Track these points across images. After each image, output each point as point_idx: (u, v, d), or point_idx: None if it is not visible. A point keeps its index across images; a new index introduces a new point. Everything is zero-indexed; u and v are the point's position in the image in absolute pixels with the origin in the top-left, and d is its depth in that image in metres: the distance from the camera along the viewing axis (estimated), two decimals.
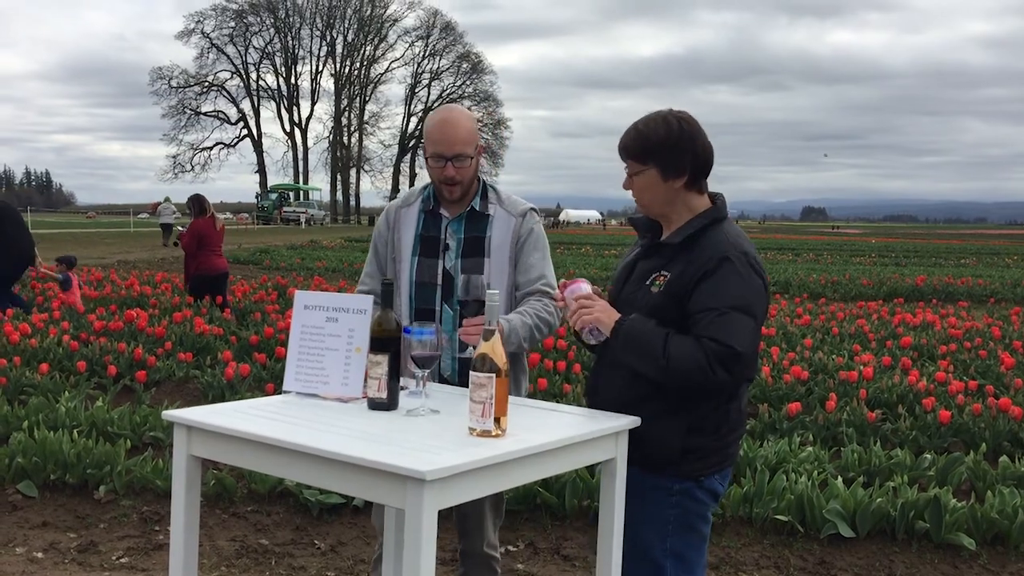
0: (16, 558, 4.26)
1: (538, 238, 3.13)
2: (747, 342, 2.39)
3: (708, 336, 2.36)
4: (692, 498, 2.52)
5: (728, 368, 2.36)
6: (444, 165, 2.98)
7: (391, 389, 2.44)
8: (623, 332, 2.45)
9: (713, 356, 2.34)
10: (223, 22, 79.18)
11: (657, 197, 2.55)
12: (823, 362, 8.07)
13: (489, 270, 3.04)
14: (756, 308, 2.45)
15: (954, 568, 4.33)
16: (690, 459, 2.48)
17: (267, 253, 25.96)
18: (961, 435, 6.27)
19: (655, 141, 2.50)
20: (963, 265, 29.30)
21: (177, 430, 2.36)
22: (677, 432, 2.47)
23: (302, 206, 70.20)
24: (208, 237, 10.53)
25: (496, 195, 3.14)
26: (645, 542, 2.54)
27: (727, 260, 2.43)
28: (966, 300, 17.06)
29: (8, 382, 6.91)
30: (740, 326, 2.38)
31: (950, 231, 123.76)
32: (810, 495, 4.57)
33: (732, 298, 2.40)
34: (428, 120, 3.08)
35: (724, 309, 2.38)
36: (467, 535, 3.23)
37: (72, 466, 5.00)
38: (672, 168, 2.50)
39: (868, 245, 46.32)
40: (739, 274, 2.43)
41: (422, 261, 3.07)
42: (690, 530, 2.54)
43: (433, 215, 3.10)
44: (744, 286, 2.43)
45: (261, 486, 4.90)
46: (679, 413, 2.47)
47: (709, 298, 2.41)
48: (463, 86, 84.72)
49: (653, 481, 2.51)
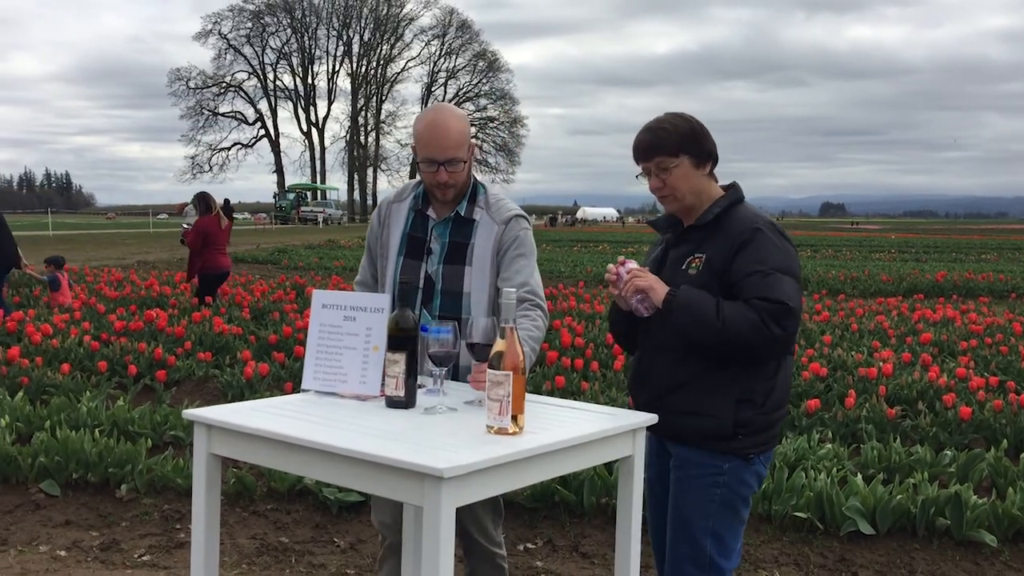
0: (40, 556, 4.31)
1: (523, 243, 3.01)
2: (795, 299, 2.52)
3: (757, 296, 2.49)
4: (739, 479, 2.63)
5: (781, 323, 2.47)
6: (436, 170, 2.88)
7: (409, 387, 2.45)
8: (677, 301, 2.55)
9: (766, 313, 2.46)
10: (240, 23, 79.71)
11: (693, 186, 2.67)
12: (842, 359, 8.04)
13: (470, 278, 2.96)
14: (795, 270, 2.59)
15: (975, 565, 4.30)
16: (741, 434, 2.59)
17: (285, 253, 26.07)
18: (982, 431, 6.22)
19: (684, 133, 2.64)
20: (984, 260, 29.05)
21: (197, 429, 2.38)
22: (728, 404, 2.58)
23: (319, 206, 70.45)
24: (214, 235, 10.58)
25: (485, 198, 3.03)
26: (688, 519, 2.64)
27: (759, 230, 2.58)
28: (987, 296, 16.95)
29: (30, 382, 6.98)
30: (786, 284, 2.51)
31: (970, 226, 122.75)
32: (829, 492, 4.56)
33: (773, 261, 2.54)
34: (418, 122, 2.96)
35: (768, 271, 2.52)
36: (464, 534, 3.21)
37: (94, 465, 5.04)
38: (702, 155, 2.66)
39: (888, 241, 46.01)
40: (773, 241, 2.58)
41: (407, 262, 3.01)
42: (732, 512, 2.65)
43: (421, 215, 3.04)
44: (780, 252, 2.58)
45: (281, 484, 4.93)
46: (729, 386, 2.58)
47: (751, 263, 2.54)
48: (479, 84, 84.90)
49: (703, 458, 2.62)
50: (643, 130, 2.69)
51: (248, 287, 13.70)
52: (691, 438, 2.64)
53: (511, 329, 2.23)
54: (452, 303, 2.96)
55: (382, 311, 2.62)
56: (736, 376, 2.58)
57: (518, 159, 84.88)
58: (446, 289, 2.96)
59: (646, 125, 2.69)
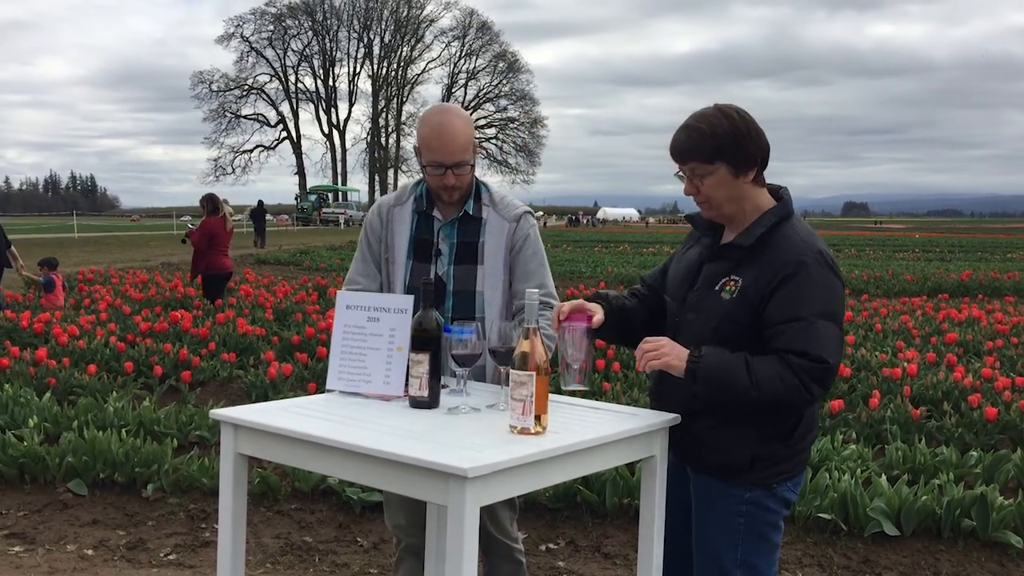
0: (67, 555, 4.36)
1: (534, 243, 3.00)
2: (837, 353, 2.29)
3: (797, 350, 2.26)
4: (762, 507, 2.44)
5: (823, 383, 2.28)
6: (444, 173, 2.85)
7: (432, 387, 2.46)
8: (701, 372, 2.31)
9: (806, 373, 2.25)
10: (262, 26, 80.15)
11: (731, 195, 2.41)
12: (866, 359, 7.99)
13: (482, 277, 2.94)
14: (840, 314, 2.35)
15: (1001, 567, 4.27)
16: (759, 467, 2.40)
17: (307, 254, 26.20)
18: (1008, 432, 6.17)
19: (722, 137, 2.36)
20: (1010, 259, 28.75)
21: (224, 429, 2.40)
22: (747, 441, 2.39)
23: (341, 207, 70.73)
24: (218, 236, 10.68)
25: (490, 196, 3.01)
26: (715, 550, 2.47)
27: (804, 264, 2.31)
28: (1013, 295, 16.77)
29: (57, 383, 7.06)
30: (829, 336, 2.28)
31: (996, 225, 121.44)
32: (854, 493, 4.53)
33: (816, 305, 2.29)
34: (423, 124, 2.91)
35: (811, 319, 2.27)
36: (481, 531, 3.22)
37: (121, 465, 5.10)
38: (743, 162, 2.38)
39: (911, 240, 45.64)
40: (819, 278, 2.32)
41: (416, 265, 2.96)
42: (760, 538, 2.46)
43: (426, 217, 2.99)
44: (826, 291, 2.32)
45: (305, 484, 4.96)
46: (750, 422, 2.38)
47: (792, 306, 2.29)
48: (499, 85, 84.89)
49: (723, 489, 2.44)
50: (681, 127, 2.42)
51: (271, 288, 13.79)
52: (709, 469, 2.46)
53: (534, 330, 2.24)
54: (465, 303, 2.94)
55: (406, 312, 2.63)
56: (760, 412, 2.36)
57: (538, 160, 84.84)
58: (458, 289, 2.94)
59: (685, 121, 2.42)
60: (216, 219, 10.70)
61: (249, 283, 14.89)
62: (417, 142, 2.94)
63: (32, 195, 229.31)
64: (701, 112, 2.43)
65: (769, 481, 2.42)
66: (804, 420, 2.44)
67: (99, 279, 15.63)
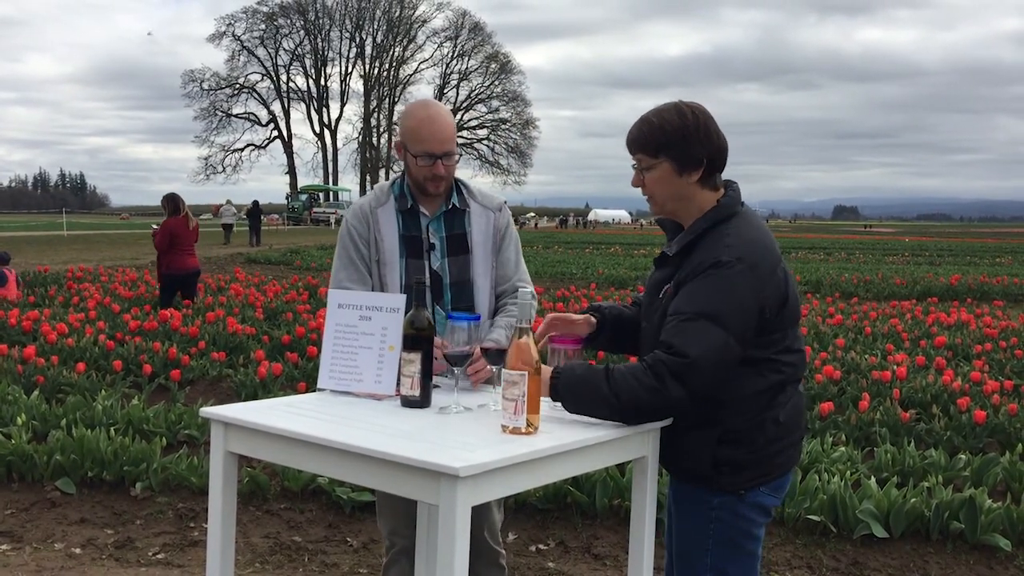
0: (55, 554, 4.34)
1: (514, 233, 3.14)
2: (704, 350, 2.18)
3: (665, 343, 2.22)
4: (733, 513, 2.38)
5: (682, 380, 2.18)
6: (434, 163, 2.90)
7: (424, 387, 2.46)
8: (560, 387, 2.27)
9: (665, 367, 2.18)
10: (254, 25, 80.00)
11: (671, 193, 2.39)
12: (856, 362, 8.01)
13: (473, 266, 3.01)
14: (729, 320, 2.21)
15: (989, 569, 4.28)
16: (724, 472, 2.34)
17: (297, 254, 26.14)
18: (997, 435, 6.20)
19: (670, 132, 2.33)
20: (999, 264, 28.89)
21: (214, 427, 2.39)
22: (707, 444, 2.34)
23: (332, 207, 70.55)
24: (180, 236, 10.65)
25: (468, 190, 3.10)
26: (688, 555, 2.46)
27: (717, 264, 2.25)
28: (1001, 299, 16.85)
29: (46, 381, 7.03)
30: (702, 333, 2.19)
31: (985, 229, 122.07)
32: (843, 495, 4.54)
33: (703, 304, 2.22)
34: (408, 116, 2.96)
35: (691, 315, 2.22)
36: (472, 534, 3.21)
37: (109, 463, 5.07)
38: (687, 161, 2.34)
39: (901, 244, 45.82)
40: (724, 280, 2.23)
41: (410, 263, 2.98)
42: (732, 546, 2.40)
43: (411, 214, 3.00)
44: (724, 294, 2.23)
45: (294, 484, 4.95)
46: (710, 425, 2.33)
47: (681, 302, 2.26)
48: (491, 86, 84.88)
49: (693, 494, 2.42)
50: (639, 119, 2.41)
51: (261, 287, 13.76)
52: (678, 473, 2.45)
53: (526, 329, 2.23)
54: (463, 293, 3.01)
55: (398, 311, 2.63)
56: (718, 413, 2.31)
57: (530, 161, 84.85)
58: (455, 281, 3.00)
59: (644, 114, 2.41)
60: (177, 219, 10.68)
61: (239, 282, 14.85)
62: (401, 136, 2.97)
63: (21, 192, 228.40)
64: (662, 106, 2.41)
65: (737, 487, 2.36)
66: (768, 427, 2.35)
67: (88, 277, 15.57)
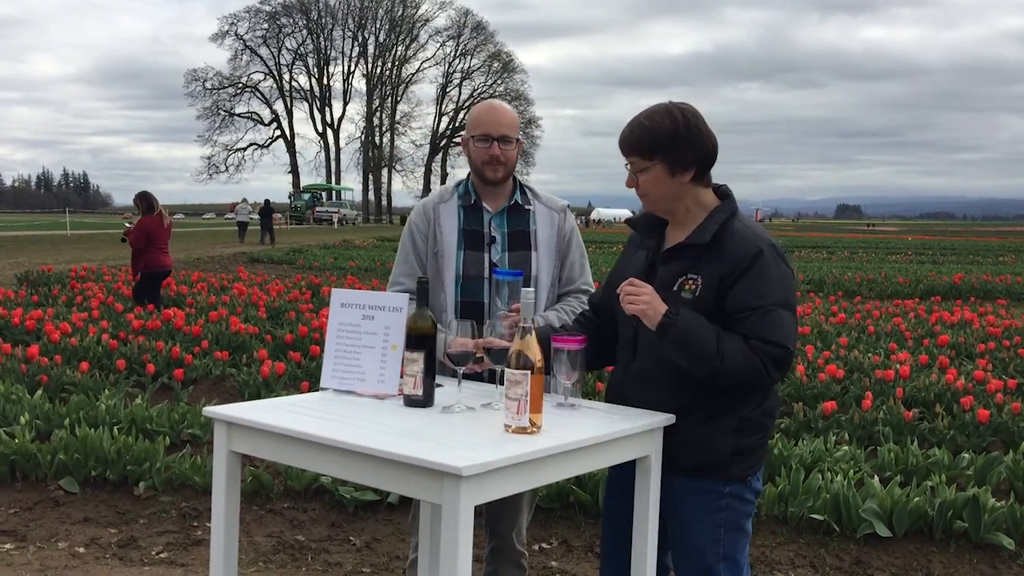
0: (58, 553, 4.34)
1: (578, 237, 3.23)
2: (793, 339, 2.40)
3: (757, 337, 2.34)
4: (741, 499, 2.51)
5: (780, 368, 2.36)
6: (490, 145, 3.02)
7: (427, 386, 2.46)
8: (676, 329, 2.36)
9: (767, 357, 2.33)
10: (256, 24, 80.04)
11: (665, 193, 2.49)
12: (859, 360, 8.00)
13: (537, 263, 3.09)
14: (793, 299, 2.46)
15: (993, 568, 4.28)
16: (739, 460, 2.46)
17: (300, 253, 26.17)
18: (1000, 434, 6.19)
19: (660, 135, 2.42)
20: (1002, 263, 28.85)
21: (217, 426, 2.40)
22: (726, 434, 2.44)
23: (334, 206, 70.65)
24: (156, 234, 10.68)
25: (532, 192, 3.20)
26: (698, 548, 2.50)
27: (761, 255, 2.40)
28: (1005, 298, 16.82)
29: (49, 380, 7.04)
30: (786, 324, 2.37)
31: (988, 228, 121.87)
32: (846, 494, 4.54)
33: (774, 294, 2.38)
34: (474, 109, 3.20)
35: (768, 307, 2.36)
36: (499, 534, 3.24)
37: (112, 463, 5.08)
38: (679, 162, 2.44)
39: (904, 243, 45.77)
40: (774, 268, 2.40)
41: (468, 255, 3.08)
42: (739, 531, 2.53)
43: (474, 209, 3.12)
44: (781, 281, 2.41)
45: (297, 483, 4.95)
46: (724, 416, 2.44)
47: (751, 297, 2.37)
48: (494, 85, 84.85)
49: (703, 485, 2.47)
50: (630, 121, 2.50)
51: (264, 287, 13.77)
52: (687, 469, 2.48)
53: (530, 329, 2.23)
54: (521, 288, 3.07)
55: (400, 310, 2.64)
56: (732, 405, 2.44)
57: (533, 160, 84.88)
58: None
59: (635, 117, 2.49)
60: (152, 217, 10.71)
61: (242, 281, 14.86)
62: (467, 129, 3.13)
63: (25, 192, 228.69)
64: (652, 108, 2.49)
65: (745, 473, 2.49)
66: (765, 411, 2.51)
67: (91, 276, 15.58)
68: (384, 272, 19.83)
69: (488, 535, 3.30)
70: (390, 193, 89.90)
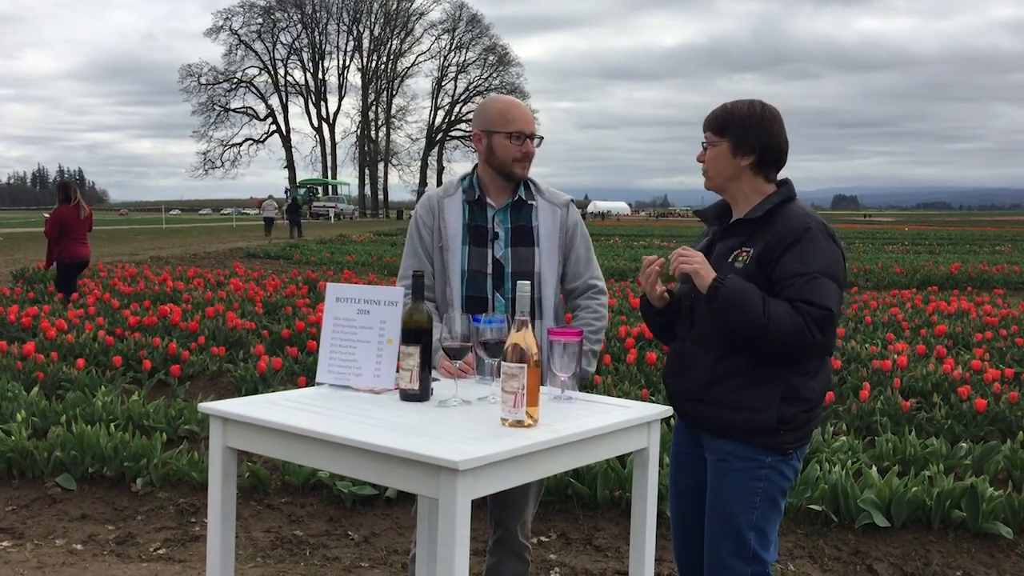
0: (56, 550, 4.33)
1: (583, 231, 3.23)
2: (836, 304, 2.51)
3: (802, 299, 2.47)
4: (779, 472, 2.61)
5: (823, 329, 2.47)
6: (524, 142, 3.07)
7: (423, 380, 2.45)
8: (725, 289, 2.50)
9: (810, 318, 2.45)
10: (251, 19, 79.85)
11: (722, 171, 2.66)
12: (856, 351, 8.00)
13: (540, 259, 3.10)
14: (840, 277, 2.58)
15: (991, 557, 4.28)
16: (783, 431, 2.56)
17: (297, 247, 26.12)
18: (998, 423, 6.19)
19: (735, 116, 2.63)
20: (998, 252, 28.87)
21: (213, 422, 2.39)
22: (772, 400, 2.55)
23: (331, 201, 70.61)
24: (71, 225, 10.66)
25: (535, 186, 3.20)
26: (731, 512, 2.60)
27: (809, 230, 2.54)
28: (1002, 287, 16.84)
29: (46, 377, 7.02)
30: (830, 290, 2.50)
31: (985, 218, 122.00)
32: (844, 484, 4.54)
33: (819, 264, 2.52)
34: (489, 107, 3.16)
35: (814, 274, 2.50)
36: (504, 526, 3.23)
37: (109, 459, 5.07)
38: (742, 145, 2.62)
39: (901, 233, 45.79)
40: (822, 242, 2.55)
41: (472, 249, 3.09)
42: (773, 505, 2.62)
43: (479, 204, 3.13)
44: (828, 254, 2.55)
45: (295, 478, 4.95)
46: (773, 382, 2.55)
47: (797, 264, 2.51)
48: (489, 78, 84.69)
49: (745, 452, 2.59)
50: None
51: (260, 282, 13.74)
52: (733, 432, 2.59)
53: (525, 322, 2.22)
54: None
55: (396, 304, 2.62)
56: (780, 372, 2.55)
57: None
58: (516, 271, 3.07)
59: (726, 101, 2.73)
60: (68, 208, 10.69)
61: (239, 277, 14.84)
62: (484, 125, 3.10)
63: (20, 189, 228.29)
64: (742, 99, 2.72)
65: (787, 447, 2.59)
66: (815, 389, 2.60)
67: (87, 273, 15.55)
68: (381, 266, 19.81)
69: (492, 527, 3.30)
70: (386, 187, 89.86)
